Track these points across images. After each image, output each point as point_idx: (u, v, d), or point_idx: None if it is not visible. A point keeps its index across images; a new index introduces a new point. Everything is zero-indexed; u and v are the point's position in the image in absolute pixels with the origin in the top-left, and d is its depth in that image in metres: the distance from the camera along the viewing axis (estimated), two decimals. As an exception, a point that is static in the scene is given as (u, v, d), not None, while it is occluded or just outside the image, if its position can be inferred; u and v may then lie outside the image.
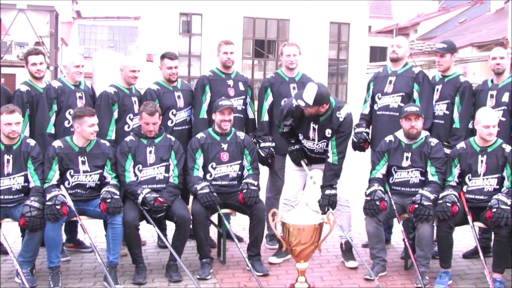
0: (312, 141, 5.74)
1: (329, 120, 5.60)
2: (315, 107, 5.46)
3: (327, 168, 5.67)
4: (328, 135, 5.64)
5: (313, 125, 5.67)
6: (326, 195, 5.62)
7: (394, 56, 6.14)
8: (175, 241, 5.47)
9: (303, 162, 5.88)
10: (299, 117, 5.67)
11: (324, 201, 5.60)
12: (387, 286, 5.35)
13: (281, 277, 5.54)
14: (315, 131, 5.68)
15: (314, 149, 5.79)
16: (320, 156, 5.79)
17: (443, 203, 5.27)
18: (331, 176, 5.65)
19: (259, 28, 29.85)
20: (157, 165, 5.60)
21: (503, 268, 5.31)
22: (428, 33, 41.26)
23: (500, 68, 5.84)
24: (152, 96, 6.09)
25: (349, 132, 5.70)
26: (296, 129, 5.80)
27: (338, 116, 5.59)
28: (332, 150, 5.63)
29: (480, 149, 5.41)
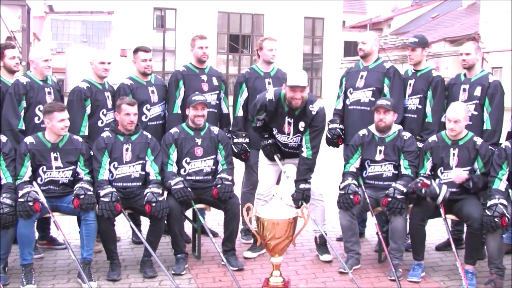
0: (287, 135, 5.75)
1: (303, 113, 5.62)
2: (305, 89, 5.47)
3: (301, 162, 5.69)
4: (301, 128, 5.65)
5: (288, 119, 5.68)
6: (300, 189, 5.63)
7: (361, 53, 6.18)
8: (149, 236, 5.45)
9: (276, 157, 5.89)
10: (272, 111, 5.68)
11: (298, 195, 5.62)
12: (361, 279, 5.38)
13: (256, 272, 5.55)
14: (290, 125, 5.69)
15: (288, 144, 5.80)
16: (294, 150, 5.80)
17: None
18: (305, 170, 5.67)
19: (233, 23, 29.85)
20: (133, 163, 5.57)
21: (475, 260, 5.39)
22: (402, 28, 41.61)
23: (466, 64, 5.90)
24: (125, 91, 6.05)
25: (322, 126, 5.71)
26: (270, 124, 5.81)
27: (311, 110, 5.60)
28: (306, 144, 5.65)
29: (451, 142, 5.48)
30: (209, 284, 5.24)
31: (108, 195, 5.21)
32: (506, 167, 5.29)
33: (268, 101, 5.65)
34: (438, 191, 5.24)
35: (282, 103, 5.63)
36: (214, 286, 5.22)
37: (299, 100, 5.49)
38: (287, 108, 5.63)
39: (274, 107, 5.65)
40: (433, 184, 5.28)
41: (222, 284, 5.26)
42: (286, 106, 5.62)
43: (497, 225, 5.01)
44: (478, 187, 5.33)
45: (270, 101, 5.64)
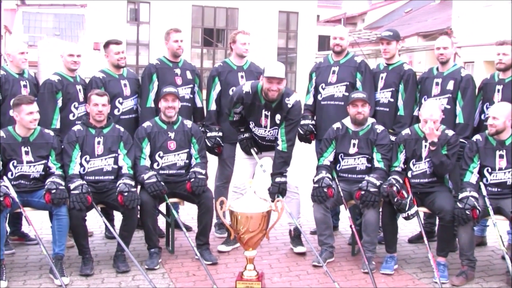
0: (264, 128, 5.74)
1: (279, 106, 5.62)
2: (282, 81, 5.46)
3: (277, 156, 5.69)
4: (278, 121, 5.65)
5: (265, 112, 5.67)
6: (276, 182, 5.63)
7: (338, 49, 6.20)
8: (122, 231, 5.41)
9: (253, 151, 5.88)
10: (249, 104, 5.66)
11: (274, 189, 5.62)
12: (335, 272, 5.41)
13: (230, 266, 5.55)
14: (267, 118, 5.68)
15: (265, 137, 5.79)
16: (271, 143, 5.80)
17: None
18: (281, 163, 5.67)
19: (208, 16, 29.74)
20: (105, 156, 5.51)
21: (446, 252, 5.45)
22: (375, 23, 41.80)
23: (443, 58, 5.95)
24: (97, 84, 5.99)
25: (298, 119, 5.73)
26: (247, 117, 5.79)
27: (287, 103, 5.60)
28: (281, 137, 5.65)
29: (424, 134, 5.51)
30: (183, 279, 5.22)
31: (78, 188, 5.16)
32: (477, 160, 5.35)
33: (245, 93, 5.64)
34: (407, 208, 5.29)
35: (259, 95, 5.62)
36: (187, 280, 5.20)
37: (276, 92, 5.48)
38: (264, 101, 5.62)
39: (251, 99, 5.64)
40: (408, 200, 5.31)
41: (195, 278, 5.24)
42: (262, 98, 5.61)
43: (468, 218, 5.07)
44: (440, 158, 5.35)
45: (247, 93, 5.63)
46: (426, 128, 5.35)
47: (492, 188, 5.32)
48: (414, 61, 29.56)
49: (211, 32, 29.99)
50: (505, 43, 5.75)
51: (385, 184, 5.36)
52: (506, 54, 5.70)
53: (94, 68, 6.35)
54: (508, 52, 5.70)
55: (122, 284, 5.08)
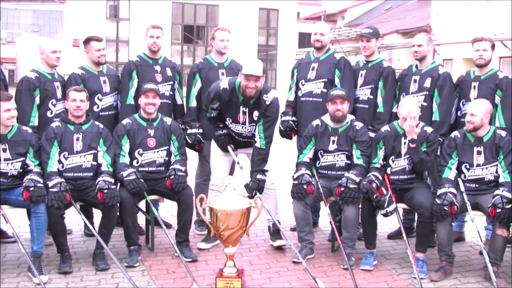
0: (242, 124, 5.73)
1: (257, 103, 5.62)
2: (260, 79, 5.47)
3: (255, 153, 5.69)
4: (255, 118, 5.65)
5: (242, 108, 5.66)
6: (257, 179, 5.63)
7: (318, 45, 6.21)
8: (101, 228, 5.37)
9: (229, 148, 5.88)
10: (226, 100, 5.66)
11: (254, 185, 5.61)
12: (315, 268, 5.43)
13: (210, 263, 5.54)
14: (245, 115, 5.68)
15: (242, 133, 5.79)
16: (248, 140, 5.80)
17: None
18: (259, 160, 5.67)
19: (188, 13, 29.64)
20: (84, 153, 5.47)
21: (425, 248, 5.50)
22: (355, 20, 41.98)
23: (418, 55, 5.98)
24: (76, 80, 5.94)
25: (275, 116, 5.72)
26: (224, 114, 5.79)
27: (265, 99, 5.60)
28: (259, 134, 5.65)
29: (403, 131, 5.55)
30: (163, 276, 5.21)
31: (56, 185, 5.11)
32: (455, 157, 5.40)
33: (222, 90, 5.63)
34: (386, 204, 5.32)
35: (237, 92, 5.62)
36: (167, 278, 5.18)
37: (253, 89, 5.48)
38: (241, 98, 5.62)
39: (228, 96, 5.63)
40: (387, 197, 5.35)
41: (175, 275, 5.23)
42: (240, 95, 5.61)
43: (447, 214, 5.12)
44: (420, 155, 5.38)
45: (224, 90, 5.63)
46: (406, 125, 5.39)
47: (470, 184, 5.38)
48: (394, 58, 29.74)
49: (191, 29, 29.91)
50: (484, 40, 5.81)
51: (365, 181, 5.39)
52: (485, 50, 5.75)
53: (73, 65, 6.30)
54: (487, 48, 5.76)
55: (101, 282, 5.05)
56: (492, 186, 5.32)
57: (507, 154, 5.29)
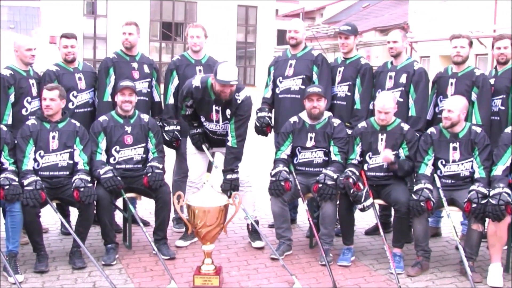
0: (215, 123, 5.71)
1: (229, 102, 5.58)
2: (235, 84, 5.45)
3: (228, 152, 5.67)
4: (228, 116, 5.63)
5: (215, 107, 5.64)
6: (228, 179, 5.60)
7: (293, 42, 6.22)
8: (78, 227, 5.33)
9: (204, 146, 5.86)
10: (199, 98, 5.63)
11: (226, 186, 5.59)
12: (293, 265, 5.44)
13: (188, 260, 5.53)
14: (218, 113, 5.66)
15: (216, 131, 5.77)
16: (222, 138, 5.77)
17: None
18: (232, 159, 5.65)
19: (166, 10, 29.57)
20: (60, 151, 5.42)
21: (402, 243, 5.54)
22: (333, 17, 42.13)
23: (393, 51, 6.02)
24: (51, 77, 5.89)
25: (247, 115, 5.66)
26: (198, 112, 5.76)
27: (237, 98, 5.57)
28: (231, 133, 5.63)
29: (380, 128, 5.59)
30: (140, 274, 5.18)
31: (32, 184, 5.06)
32: (431, 152, 5.45)
33: (194, 88, 5.60)
34: (363, 199, 5.35)
35: (209, 91, 5.58)
36: (145, 275, 5.16)
37: (228, 93, 5.47)
38: (214, 97, 5.59)
39: (200, 94, 5.61)
40: (364, 192, 5.38)
41: (153, 273, 5.20)
42: (213, 94, 5.58)
43: (423, 209, 5.16)
44: (404, 169, 5.47)
45: (196, 88, 5.60)
46: (380, 157, 5.45)
47: (446, 180, 5.42)
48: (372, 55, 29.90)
49: (170, 26, 29.82)
50: (462, 37, 5.86)
51: (342, 176, 5.41)
52: (463, 47, 5.81)
53: (50, 62, 6.24)
54: (465, 45, 5.81)
55: (78, 281, 5.01)
56: (468, 182, 5.37)
57: (482, 150, 5.34)
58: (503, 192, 5.00)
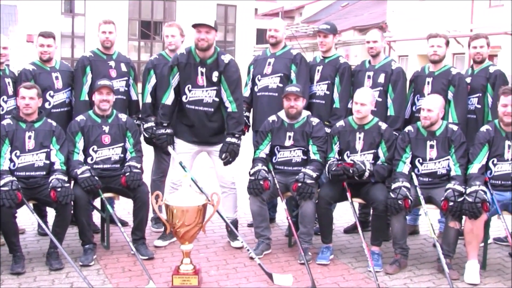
0: (201, 88, 5.67)
1: (216, 63, 5.63)
2: (213, 31, 5.54)
3: (229, 117, 5.68)
4: (215, 79, 5.63)
5: (200, 69, 5.64)
6: (226, 142, 5.62)
7: (273, 40, 6.22)
8: (55, 227, 5.27)
9: (170, 148, 5.81)
10: (184, 64, 5.65)
11: (223, 148, 5.62)
12: (272, 264, 5.45)
13: (166, 260, 5.50)
14: (203, 76, 5.64)
15: (203, 99, 5.69)
16: (208, 109, 5.68)
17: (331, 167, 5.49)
18: (235, 124, 5.67)
19: (145, 9, 29.39)
20: (37, 151, 5.36)
21: (380, 241, 5.57)
22: (313, 16, 42.25)
23: (373, 51, 6.06)
24: (27, 76, 5.83)
25: (238, 76, 5.73)
26: (183, 83, 5.69)
27: (223, 59, 5.64)
28: (228, 98, 5.64)
29: (358, 126, 5.61)
30: (118, 275, 5.15)
31: (8, 184, 5.00)
32: (409, 151, 5.48)
33: (180, 55, 5.70)
34: (364, 166, 5.38)
35: (194, 54, 5.65)
36: (123, 276, 5.13)
37: (205, 41, 5.52)
38: (198, 59, 5.63)
39: (185, 59, 5.66)
40: (356, 161, 5.40)
41: (131, 273, 5.17)
42: (197, 56, 5.63)
43: (401, 207, 5.19)
44: (381, 174, 5.51)
45: (181, 54, 5.69)
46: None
47: (423, 178, 5.46)
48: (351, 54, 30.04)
49: (149, 25, 29.65)
50: (439, 36, 5.91)
51: (332, 167, 5.43)
52: (440, 46, 5.86)
53: (27, 61, 6.18)
54: (442, 44, 5.86)
55: (55, 282, 4.96)
56: (445, 180, 5.41)
57: (458, 148, 5.39)
58: (479, 190, 5.05)
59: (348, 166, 5.38)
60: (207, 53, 5.61)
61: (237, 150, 5.68)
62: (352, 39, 28.32)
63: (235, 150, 5.66)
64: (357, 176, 5.40)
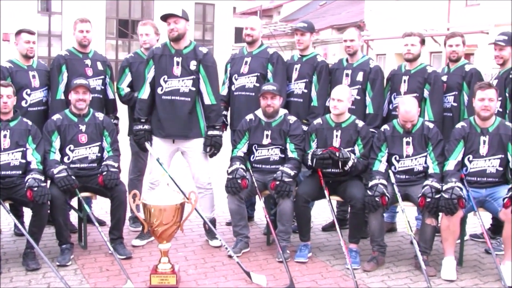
0: (177, 78, 5.66)
1: (193, 53, 5.68)
2: (184, 20, 5.60)
3: (209, 110, 5.72)
4: (193, 67, 5.65)
5: (176, 59, 5.66)
6: (209, 135, 5.69)
7: (249, 39, 6.23)
8: (32, 227, 5.22)
9: (147, 144, 5.79)
10: (159, 56, 5.68)
11: (207, 141, 5.70)
12: (250, 262, 5.45)
13: (144, 259, 5.48)
14: (179, 65, 5.66)
15: (179, 89, 5.67)
16: (184, 98, 5.66)
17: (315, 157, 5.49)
18: (215, 117, 5.74)
19: (122, 7, 29.27)
20: (12, 150, 5.30)
21: (358, 239, 5.60)
22: (291, 15, 42.33)
23: (351, 50, 6.09)
24: (4, 74, 5.77)
25: (215, 66, 5.78)
26: (159, 75, 5.68)
27: (201, 50, 5.72)
28: (207, 90, 5.69)
29: (335, 124, 5.64)
30: (96, 275, 5.11)
31: None
32: (385, 149, 5.52)
33: (155, 48, 5.78)
34: (348, 155, 5.42)
35: (169, 47, 5.71)
36: (101, 276, 5.09)
37: (175, 31, 5.59)
38: (174, 50, 5.67)
39: (161, 51, 5.71)
40: (342, 149, 5.44)
41: (109, 273, 5.14)
42: (172, 48, 5.68)
43: (378, 204, 5.22)
44: (358, 169, 5.53)
45: (157, 48, 5.77)
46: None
47: (400, 176, 5.50)
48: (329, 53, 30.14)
49: (126, 24, 29.52)
50: (413, 35, 5.96)
51: (317, 154, 5.45)
52: (414, 45, 5.91)
53: (2, 60, 6.11)
54: (416, 43, 5.91)
55: (32, 283, 4.92)
56: (421, 177, 5.46)
57: (436, 146, 5.44)
58: (455, 187, 5.10)
59: (334, 150, 5.39)
60: (181, 43, 5.67)
61: (220, 141, 5.77)
62: (330, 37, 28.46)
63: (218, 142, 5.74)
64: (341, 163, 5.41)
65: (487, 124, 5.36)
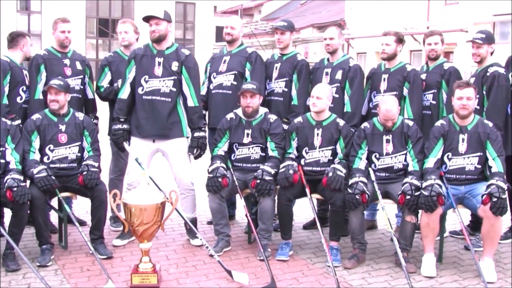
0: (158, 78, 5.65)
1: (175, 54, 5.70)
2: (165, 22, 5.62)
3: (192, 112, 5.74)
4: (175, 68, 5.65)
5: (158, 59, 5.66)
6: (195, 137, 5.73)
7: (229, 38, 6.25)
8: (11, 228, 5.17)
9: (125, 144, 5.77)
10: (141, 56, 5.69)
11: (193, 143, 5.74)
12: (232, 261, 5.46)
13: (125, 259, 5.46)
14: (160, 66, 5.65)
15: (160, 89, 5.66)
16: (165, 98, 5.65)
17: (285, 171, 5.46)
18: (197, 119, 5.77)
19: (103, 6, 29.13)
20: (-9, 150, 5.27)
21: (338, 237, 5.62)
22: (271, 14, 42.39)
23: (330, 48, 6.13)
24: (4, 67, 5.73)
25: (197, 68, 5.81)
26: (141, 74, 5.67)
27: (183, 52, 5.75)
28: (190, 93, 5.71)
29: (316, 123, 5.66)
30: (77, 275, 5.09)
31: None
32: (365, 147, 5.55)
33: (137, 49, 5.79)
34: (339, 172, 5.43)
35: (151, 47, 5.72)
36: (81, 276, 5.07)
37: (156, 32, 5.60)
38: (155, 51, 5.68)
39: (142, 52, 5.72)
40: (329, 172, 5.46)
41: (90, 273, 5.12)
42: (154, 49, 5.69)
43: (358, 202, 5.25)
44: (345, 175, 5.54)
45: (138, 48, 5.78)
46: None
47: (380, 173, 5.54)
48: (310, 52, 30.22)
49: (106, 23, 29.36)
50: (388, 34, 6.00)
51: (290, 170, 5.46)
52: (388, 44, 5.96)
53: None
54: (390, 43, 5.96)
55: (12, 283, 4.88)
56: (401, 175, 5.50)
57: (416, 144, 5.48)
58: (435, 184, 5.15)
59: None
60: (163, 44, 5.68)
61: (205, 142, 5.83)
62: (311, 36, 28.52)
63: (204, 143, 5.80)
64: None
65: (466, 122, 5.41)
